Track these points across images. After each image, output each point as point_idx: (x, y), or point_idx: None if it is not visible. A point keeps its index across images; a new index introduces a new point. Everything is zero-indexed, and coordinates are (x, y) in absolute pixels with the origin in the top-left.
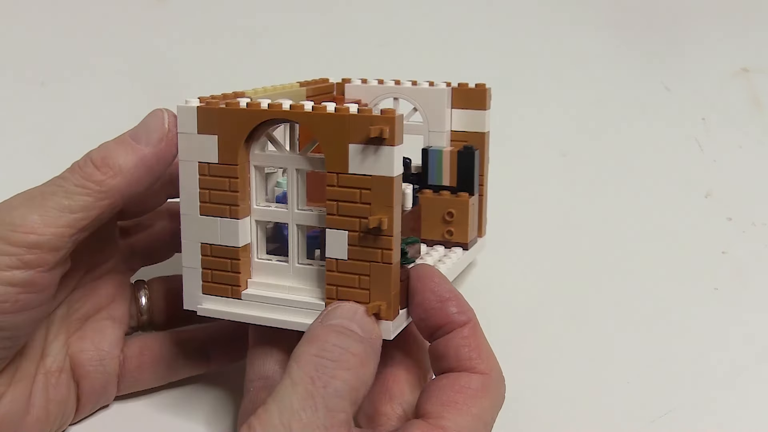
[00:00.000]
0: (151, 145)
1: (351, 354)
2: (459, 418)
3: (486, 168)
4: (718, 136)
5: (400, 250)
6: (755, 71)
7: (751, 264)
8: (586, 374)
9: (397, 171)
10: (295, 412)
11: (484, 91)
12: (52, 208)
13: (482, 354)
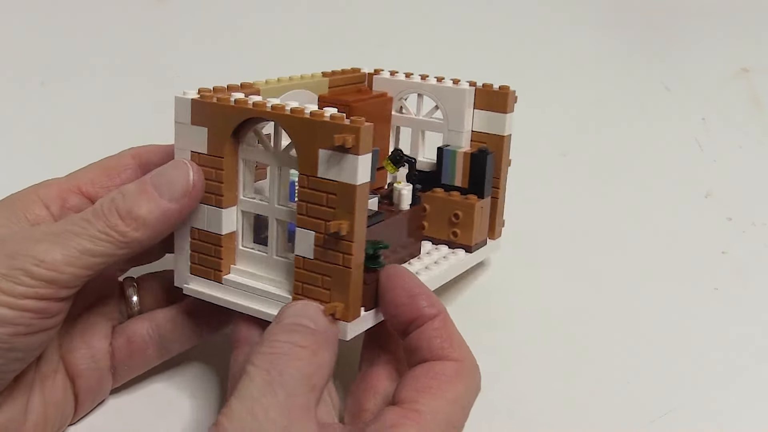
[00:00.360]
0: (175, 201)
1: (300, 347)
2: (433, 403)
3: (504, 171)
4: (718, 136)
5: (363, 254)
6: (755, 71)
7: (751, 264)
8: (586, 374)
9: (362, 179)
10: (256, 400)
11: (505, 94)
12: (75, 249)
13: (454, 343)
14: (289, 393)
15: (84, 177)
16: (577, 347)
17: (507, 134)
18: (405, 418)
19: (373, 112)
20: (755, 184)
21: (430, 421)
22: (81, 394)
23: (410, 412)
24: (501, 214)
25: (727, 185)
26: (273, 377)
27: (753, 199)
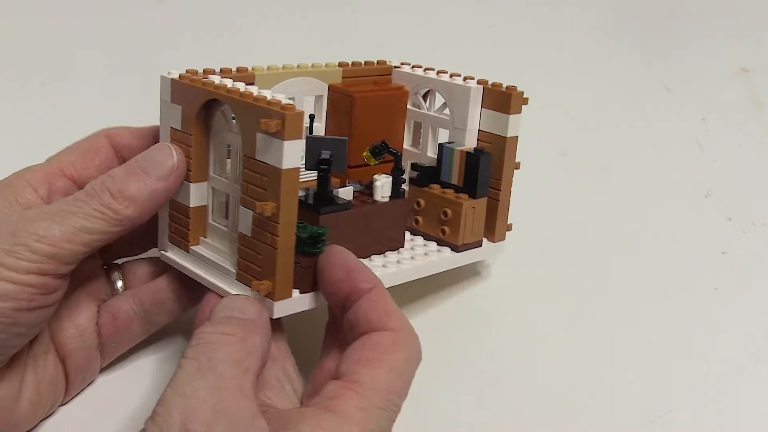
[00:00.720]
0: (162, 180)
1: (228, 335)
2: (372, 372)
3: (508, 173)
4: (718, 136)
5: (293, 236)
6: (755, 71)
7: (751, 264)
8: (586, 374)
9: (288, 164)
10: (187, 383)
11: (508, 94)
12: (72, 226)
13: (391, 314)
14: (219, 375)
15: (65, 160)
16: (577, 347)
17: (510, 136)
18: (345, 389)
19: (382, 105)
20: (755, 184)
21: (370, 390)
22: (71, 373)
23: (350, 383)
24: (504, 217)
25: (727, 185)
26: (202, 363)
27: (753, 199)
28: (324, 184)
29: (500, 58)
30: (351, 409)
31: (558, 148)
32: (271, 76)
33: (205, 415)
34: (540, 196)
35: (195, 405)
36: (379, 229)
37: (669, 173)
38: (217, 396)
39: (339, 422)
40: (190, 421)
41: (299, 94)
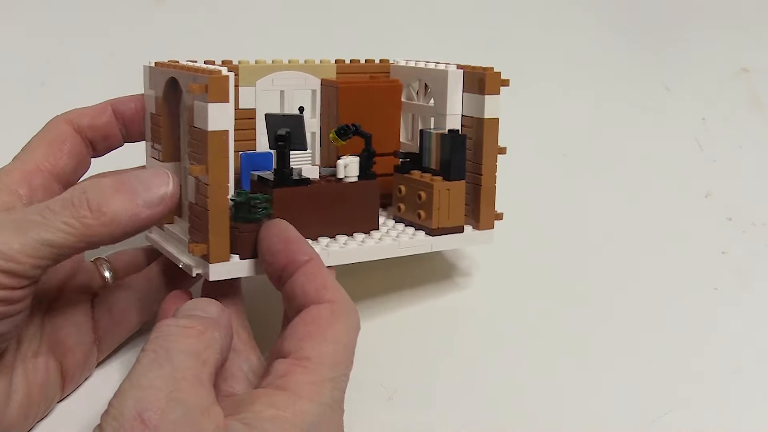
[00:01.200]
0: (148, 207)
1: (187, 327)
2: (318, 346)
3: (489, 157)
4: (718, 136)
5: (225, 199)
6: (755, 71)
7: (751, 264)
8: (585, 374)
9: (213, 126)
10: (142, 375)
11: (482, 74)
12: (33, 239)
13: (328, 285)
14: (176, 366)
15: (36, 154)
16: (577, 347)
17: (488, 117)
18: (293, 366)
19: (371, 97)
20: (755, 184)
21: (317, 363)
22: (70, 371)
23: (296, 359)
24: (489, 203)
25: (727, 185)
26: (159, 354)
27: (753, 199)
28: (281, 160)
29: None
30: (302, 385)
31: (558, 149)
32: (256, 69)
33: (160, 403)
34: (540, 196)
35: (150, 394)
36: (345, 210)
37: (669, 173)
38: (173, 385)
39: (291, 399)
40: (146, 410)
41: (288, 88)
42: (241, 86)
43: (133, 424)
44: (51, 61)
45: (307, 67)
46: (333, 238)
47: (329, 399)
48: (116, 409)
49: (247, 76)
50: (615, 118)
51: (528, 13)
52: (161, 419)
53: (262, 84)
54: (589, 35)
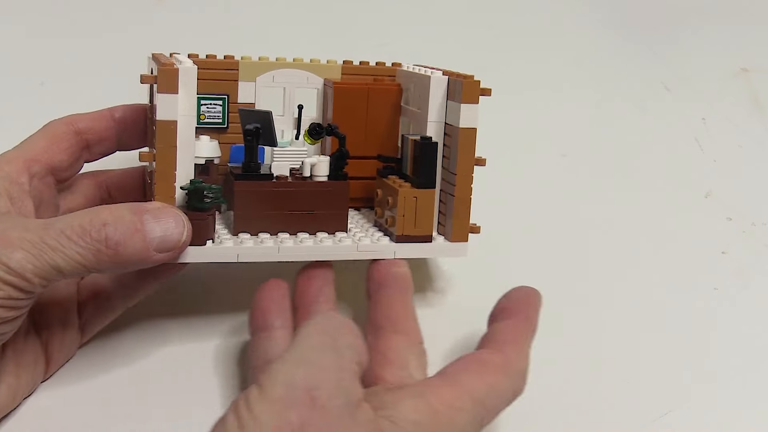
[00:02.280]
0: (160, 252)
1: (349, 328)
2: (474, 380)
3: (464, 167)
4: (718, 136)
5: (171, 187)
6: (755, 71)
7: (751, 264)
8: (586, 374)
9: (162, 116)
10: (311, 353)
11: (459, 82)
12: (47, 263)
13: (517, 347)
14: (342, 356)
15: (36, 147)
16: (577, 347)
17: (462, 126)
18: (442, 382)
19: (368, 98)
20: (755, 184)
21: (466, 393)
22: (54, 354)
23: (449, 380)
24: (462, 215)
25: (727, 185)
26: (326, 341)
27: (753, 199)
28: (249, 154)
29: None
30: (444, 403)
31: (558, 149)
32: (257, 65)
33: (330, 385)
34: (539, 196)
35: (321, 374)
36: (311, 209)
37: (669, 173)
38: (340, 374)
39: (430, 411)
40: (316, 387)
41: (289, 86)
42: (240, 81)
43: (302, 397)
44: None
45: (312, 66)
46: (294, 236)
47: (463, 429)
48: (284, 376)
49: (247, 71)
50: (615, 118)
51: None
52: (328, 401)
53: (262, 80)
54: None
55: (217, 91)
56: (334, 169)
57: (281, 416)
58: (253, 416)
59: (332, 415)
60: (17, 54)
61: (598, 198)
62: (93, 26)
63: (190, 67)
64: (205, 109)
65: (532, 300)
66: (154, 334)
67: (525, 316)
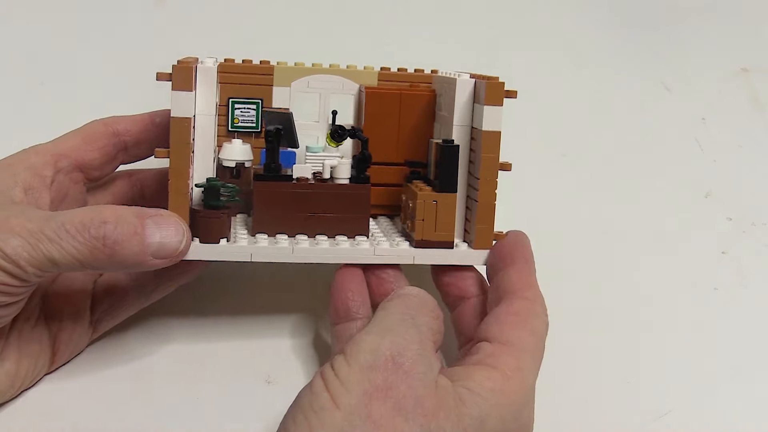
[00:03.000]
0: (156, 258)
1: (427, 309)
2: (521, 336)
3: (488, 171)
4: (718, 136)
5: (185, 184)
6: (755, 71)
7: (751, 264)
8: (586, 374)
9: (176, 113)
10: (395, 325)
11: (482, 84)
12: (43, 254)
13: (532, 286)
14: (421, 331)
15: (69, 143)
16: (577, 347)
17: (486, 129)
18: (499, 349)
19: (400, 103)
20: (755, 184)
21: (521, 350)
22: (61, 347)
23: (502, 344)
24: (485, 221)
25: (727, 185)
26: (406, 318)
27: (753, 199)
28: (270, 156)
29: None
30: (510, 368)
31: (558, 149)
32: (291, 70)
33: (413, 353)
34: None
35: (405, 343)
36: (331, 212)
37: (669, 173)
38: (421, 344)
39: (504, 378)
40: (400, 354)
41: (324, 91)
42: (275, 86)
43: (386, 362)
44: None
45: (348, 72)
46: (312, 238)
47: (530, 385)
48: (369, 344)
49: (282, 76)
50: (615, 118)
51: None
52: (412, 367)
53: (297, 85)
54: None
55: (252, 96)
56: (357, 172)
57: (368, 380)
58: (340, 380)
59: (416, 379)
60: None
61: (597, 198)
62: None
63: (209, 67)
64: (239, 113)
65: (523, 242)
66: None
67: (524, 259)
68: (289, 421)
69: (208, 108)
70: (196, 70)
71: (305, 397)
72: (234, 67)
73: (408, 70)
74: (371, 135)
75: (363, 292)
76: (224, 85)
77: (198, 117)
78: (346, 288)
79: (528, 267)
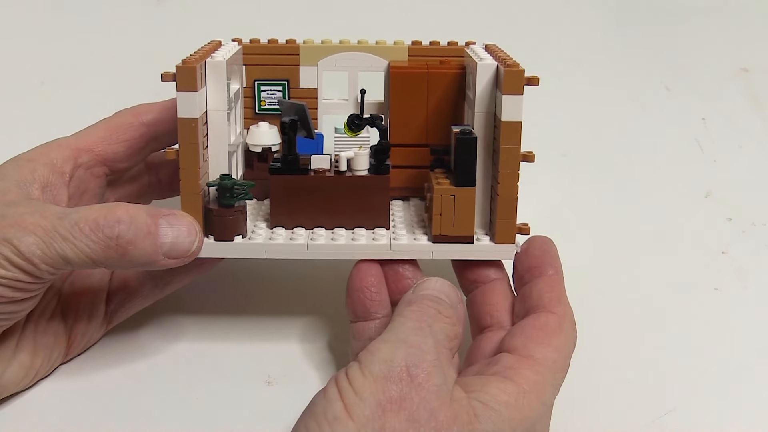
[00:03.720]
0: (168, 258)
1: (444, 315)
2: (544, 350)
3: (508, 163)
4: (718, 136)
5: (196, 182)
6: (755, 71)
7: (751, 264)
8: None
9: (182, 113)
10: (410, 335)
11: (502, 71)
12: (57, 253)
13: (561, 300)
14: (437, 340)
15: (93, 136)
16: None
17: (507, 119)
18: (520, 362)
19: (428, 83)
20: (755, 184)
21: (542, 365)
22: (77, 339)
23: (524, 357)
24: (507, 215)
25: (727, 185)
26: (422, 326)
27: (753, 199)
28: (288, 147)
29: None
30: (529, 381)
31: (558, 149)
32: (318, 49)
33: (428, 365)
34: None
35: (420, 354)
36: (349, 204)
37: (669, 173)
38: (437, 354)
39: (520, 392)
40: (415, 366)
41: (353, 69)
42: (302, 66)
43: (400, 373)
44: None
45: (377, 48)
46: (332, 231)
47: (548, 401)
48: (384, 354)
49: (308, 55)
50: (615, 118)
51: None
52: (426, 380)
53: (323, 64)
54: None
55: (278, 77)
56: (376, 163)
57: (382, 391)
58: (354, 390)
59: (430, 392)
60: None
61: (597, 198)
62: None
63: (219, 62)
64: (265, 95)
65: (551, 251)
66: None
67: (554, 270)
68: (301, 427)
69: (220, 103)
70: (205, 65)
71: (319, 404)
72: (259, 48)
73: (441, 44)
74: (398, 116)
75: (381, 290)
76: (249, 67)
77: (210, 113)
78: (363, 287)
79: (557, 279)
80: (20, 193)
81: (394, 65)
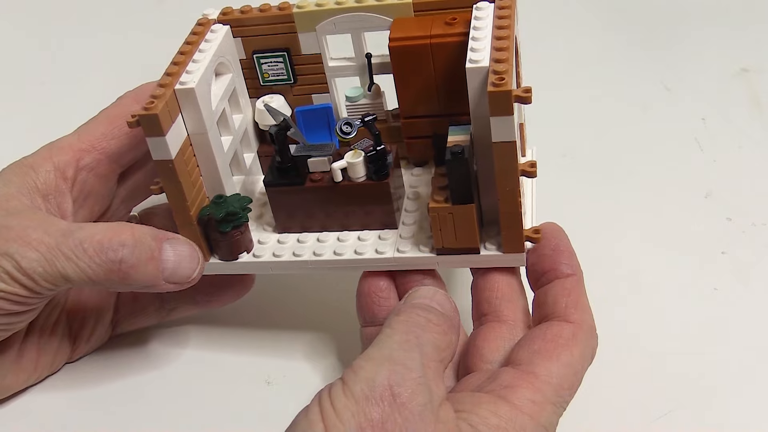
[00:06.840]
0: (169, 282)
1: (434, 324)
2: (549, 365)
3: (504, 183)
4: (718, 136)
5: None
6: (755, 71)
7: (751, 264)
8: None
9: (158, 156)
10: (395, 350)
11: (490, 94)
12: (58, 271)
13: (578, 306)
14: (424, 353)
15: (95, 132)
16: None
17: (498, 141)
18: (519, 379)
19: (429, 57)
20: (755, 184)
21: (544, 383)
22: (82, 344)
23: (525, 373)
24: (512, 227)
25: (727, 185)
26: (410, 339)
27: (753, 199)
28: (280, 154)
29: None
30: (525, 401)
31: (558, 149)
32: (313, 13)
33: (412, 383)
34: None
35: (403, 372)
36: (351, 210)
37: (669, 173)
38: (422, 371)
39: (514, 414)
40: (398, 384)
41: (355, 30)
42: (299, 33)
43: (383, 393)
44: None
45: (378, 7)
46: (337, 239)
47: (546, 422)
48: (367, 373)
49: (305, 21)
50: (615, 118)
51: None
52: (410, 399)
53: (322, 28)
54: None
55: (277, 45)
56: (374, 167)
57: (363, 413)
58: (335, 411)
59: (413, 413)
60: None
61: (598, 198)
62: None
63: (188, 89)
64: (266, 67)
65: (567, 248)
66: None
67: (571, 270)
68: None
69: (199, 127)
70: (176, 94)
71: (301, 423)
72: (251, 19)
73: None
74: (406, 91)
75: (390, 295)
76: (245, 39)
77: (192, 137)
78: (371, 292)
79: (574, 280)
80: (24, 201)
81: (392, 40)
